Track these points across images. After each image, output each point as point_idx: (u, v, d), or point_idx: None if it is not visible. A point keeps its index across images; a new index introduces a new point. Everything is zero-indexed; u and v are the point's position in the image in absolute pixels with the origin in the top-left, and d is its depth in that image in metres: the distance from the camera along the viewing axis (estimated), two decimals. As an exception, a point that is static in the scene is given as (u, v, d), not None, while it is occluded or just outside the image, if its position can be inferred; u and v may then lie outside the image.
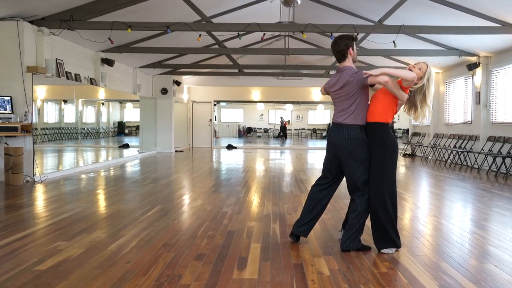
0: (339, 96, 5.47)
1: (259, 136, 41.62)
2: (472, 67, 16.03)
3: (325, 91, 5.72)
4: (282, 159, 19.75)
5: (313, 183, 5.87)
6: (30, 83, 11.21)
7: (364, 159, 5.40)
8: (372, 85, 5.48)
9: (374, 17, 13.78)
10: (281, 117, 39.70)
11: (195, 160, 18.71)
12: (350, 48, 5.52)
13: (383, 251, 5.37)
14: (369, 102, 5.50)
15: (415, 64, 5.58)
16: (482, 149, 15.31)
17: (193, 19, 13.32)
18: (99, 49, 15.25)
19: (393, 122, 32.13)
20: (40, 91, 17.73)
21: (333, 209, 7.94)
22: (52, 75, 12.21)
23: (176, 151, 22.78)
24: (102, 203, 8.78)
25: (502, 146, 14.17)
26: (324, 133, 40.00)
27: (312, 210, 5.71)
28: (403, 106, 5.55)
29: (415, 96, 5.50)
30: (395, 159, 5.44)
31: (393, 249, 5.41)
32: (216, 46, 17.26)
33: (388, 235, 5.39)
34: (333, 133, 5.51)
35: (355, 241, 5.41)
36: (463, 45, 15.22)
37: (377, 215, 5.37)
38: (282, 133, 38.88)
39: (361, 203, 5.42)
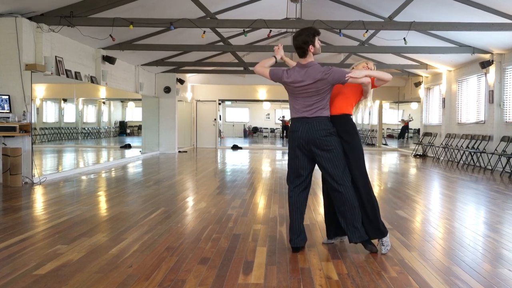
0: (305, 91, 5.51)
1: (265, 136, 41.67)
2: (485, 64, 15.98)
3: (282, 82, 5.73)
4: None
5: (319, 184, 5.87)
6: (28, 81, 11.23)
7: (340, 149, 5.51)
8: None
9: (384, 14, 13.77)
10: (283, 116, 39.72)
11: (199, 161, 18.72)
12: (311, 45, 5.55)
13: (381, 240, 5.57)
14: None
15: (367, 62, 5.99)
16: (495, 149, 15.26)
17: (197, 15, 13.34)
18: (100, 46, 15.29)
19: (408, 121, 32.18)
20: (39, 90, 17.76)
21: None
22: (51, 73, 12.23)
23: (179, 151, 22.79)
24: (103, 205, 8.79)
25: (516, 147, 14.14)
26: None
27: (303, 216, 5.71)
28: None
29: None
30: (361, 146, 5.69)
31: (387, 239, 5.58)
32: (221, 43, 17.25)
33: (378, 221, 5.56)
34: (301, 128, 5.52)
35: (362, 229, 5.52)
36: (476, 42, 15.17)
37: (366, 203, 5.56)
38: (285, 132, 38.91)
39: (348, 192, 5.47)
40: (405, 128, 32.14)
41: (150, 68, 20.73)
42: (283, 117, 39.42)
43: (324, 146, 5.44)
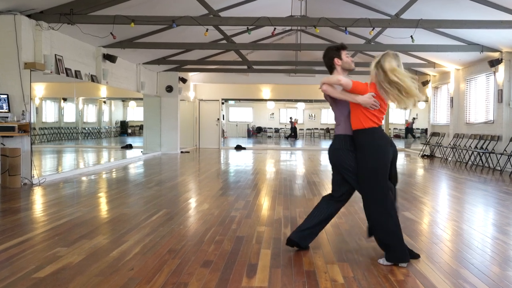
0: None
1: (269, 136, 41.68)
2: (494, 63, 15.94)
3: None
4: (294, 160, 19.75)
5: (326, 185, 5.88)
6: (28, 80, 11.24)
7: (351, 168, 5.41)
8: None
9: (390, 11, 13.75)
10: (291, 117, 39.71)
11: (202, 162, 18.73)
12: (336, 58, 5.55)
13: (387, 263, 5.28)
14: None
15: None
16: (504, 150, 15.23)
17: (200, 13, 13.35)
18: (101, 45, 15.30)
19: (412, 122, 32.21)
20: (39, 89, 17.76)
21: (348, 213, 7.93)
22: (51, 72, 12.25)
23: (182, 152, 22.80)
24: (103, 207, 8.80)
25: (527, 147, 14.11)
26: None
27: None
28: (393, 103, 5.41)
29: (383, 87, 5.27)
30: (380, 163, 5.28)
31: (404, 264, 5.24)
32: (224, 42, 17.26)
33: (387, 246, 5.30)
34: None
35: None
36: (484, 40, 15.14)
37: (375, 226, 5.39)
38: (294, 133, 38.90)
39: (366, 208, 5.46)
40: (408, 129, 32.20)
41: (151, 67, 20.75)
42: (291, 118, 39.37)
43: (336, 164, 5.55)
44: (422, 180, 13.36)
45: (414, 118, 33.53)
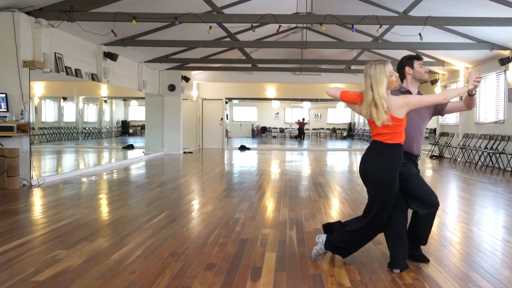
0: None
1: (274, 136, 41.60)
2: (504, 61, 15.91)
3: None
4: (299, 161, 19.74)
5: (333, 187, 5.86)
6: (26, 79, 11.24)
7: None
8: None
9: (398, 8, 13.74)
10: (298, 119, 39.68)
11: (205, 162, 18.74)
12: (407, 67, 5.52)
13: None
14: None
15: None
16: (516, 150, 15.22)
17: (203, 10, 13.35)
18: (102, 42, 15.31)
19: None
20: (38, 88, 17.79)
21: (354, 215, 7.91)
22: (50, 70, 12.25)
23: (184, 152, 22.80)
24: (104, 208, 8.82)
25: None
26: (345, 133, 39.94)
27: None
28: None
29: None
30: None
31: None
32: (228, 39, 17.29)
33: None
34: None
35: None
36: (494, 37, 15.11)
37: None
38: (300, 134, 38.82)
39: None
40: None
41: (153, 65, 20.76)
42: (298, 119, 39.28)
43: None
44: (430, 181, 13.34)
45: None
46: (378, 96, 4.83)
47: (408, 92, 5.43)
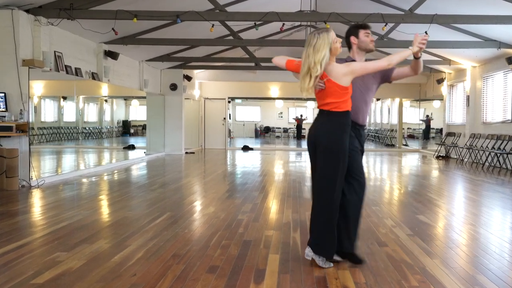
0: None
1: (277, 136, 41.61)
2: None
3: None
4: (303, 161, 19.74)
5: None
6: (26, 78, 11.24)
7: None
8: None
9: (404, 6, 13.72)
10: (296, 116, 39.59)
11: (207, 163, 18.75)
12: (352, 36, 5.83)
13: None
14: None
15: None
16: (524, 150, 15.20)
17: (205, 8, 13.35)
18: (102, 41, 15.32)
19: (426, 120, 31.97)
20: (37, 87, 17.83)
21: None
22: (50, 69, 12.26)
23: (186, 152, 22.80)
24: (105, 210, 8.82)
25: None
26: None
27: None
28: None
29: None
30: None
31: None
32: (231, 38, 17.28)
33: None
34: None
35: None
36: (502, 36, 15.07)
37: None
38: (298, 132, 38.76)
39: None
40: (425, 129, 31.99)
41: (155, 64, 20.77)
42: (301, 115, 39.21)
43: None
44: (437, 182, 13.33)
45: (427, 116, 33.25)
46: (313, 63, 5.05)
47: (353, 62, 5.56)
